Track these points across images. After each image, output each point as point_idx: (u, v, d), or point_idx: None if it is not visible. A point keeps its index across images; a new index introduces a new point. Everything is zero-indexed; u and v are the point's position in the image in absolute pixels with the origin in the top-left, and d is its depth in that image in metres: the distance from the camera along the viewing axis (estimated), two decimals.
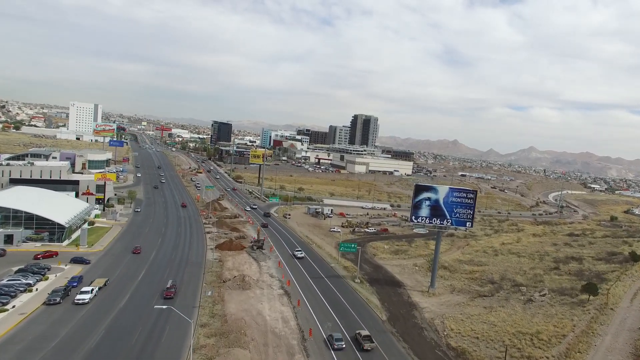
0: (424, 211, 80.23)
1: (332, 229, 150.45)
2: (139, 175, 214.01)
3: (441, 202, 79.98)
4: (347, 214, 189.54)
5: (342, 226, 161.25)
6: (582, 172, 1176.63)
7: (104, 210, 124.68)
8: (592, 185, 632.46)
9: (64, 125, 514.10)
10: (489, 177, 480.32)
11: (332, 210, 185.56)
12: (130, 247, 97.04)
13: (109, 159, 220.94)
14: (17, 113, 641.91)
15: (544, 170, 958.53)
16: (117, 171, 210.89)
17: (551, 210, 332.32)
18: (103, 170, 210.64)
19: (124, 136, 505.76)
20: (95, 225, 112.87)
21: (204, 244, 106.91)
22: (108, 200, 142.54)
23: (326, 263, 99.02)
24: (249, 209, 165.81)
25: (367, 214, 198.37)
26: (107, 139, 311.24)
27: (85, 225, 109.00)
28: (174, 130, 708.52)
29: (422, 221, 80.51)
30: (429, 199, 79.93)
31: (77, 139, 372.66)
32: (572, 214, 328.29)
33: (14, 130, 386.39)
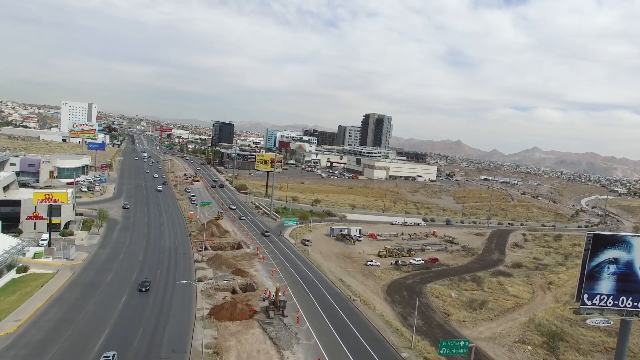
0: (606, 284, 41.75)
1: (368, 262, 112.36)
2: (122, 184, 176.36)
3: (637, 266, 41.61)
4: (378, 235, 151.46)
5: (379, 255, 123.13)
6: (588, 172, 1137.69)
7: (49, 245, 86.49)
8: (616, 189, 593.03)
9: (57, 126, 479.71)
10: (516, 182, 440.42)
11: (360, 230, 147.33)
12: (70, 318, 59.23)
13: (86, 166, 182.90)
14: (10, 113, 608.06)
15: (561, 172, 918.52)
16: (94, 180, 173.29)
17: (593, 220, 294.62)
18: (80, 179, 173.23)
19: (118, 137, 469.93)
20: (30, 272, 74.86)
21: (192, 305, 68.70)
22: (67, 225, 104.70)
23: (391, 346, 60.43)
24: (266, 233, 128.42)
25: (403, 234, 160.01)
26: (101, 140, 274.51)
27: (10, 275, 71.09)
28: (174, 131, 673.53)
29: (603, 303, 41.98)
30: (614, 261, 41.48)
31: (64, 140, 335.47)
32: (617, 224, 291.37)
33: None
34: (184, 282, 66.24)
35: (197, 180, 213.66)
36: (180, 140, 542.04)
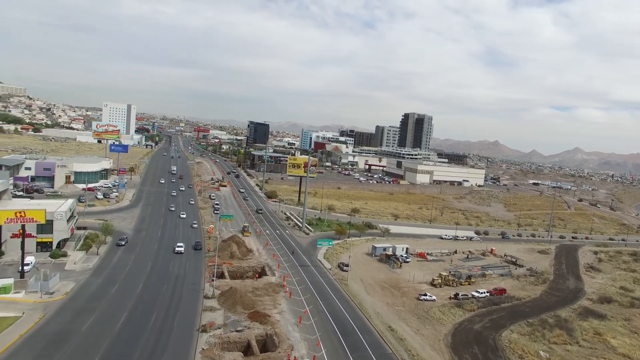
0: None
1: (422, 296, 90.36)
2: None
3: None
4: (428, 254, 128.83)
5: (433, 284, 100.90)
6: (636, 174, 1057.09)
7: (22, 275, 69.83)
8: None
9: None
10: (569, 187, 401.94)
11: (407, 249, 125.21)
12: None
13: (106, 170, 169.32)
14: (60, 115, 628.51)
15: (612, 174, 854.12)
16: (113, 185, 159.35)
17: None
18: (99, 184, 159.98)
19: (154, 137, 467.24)
20: None
21: None
22: (60, 245, 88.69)
23: None
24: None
25: (456, 252, 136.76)
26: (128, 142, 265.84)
27: None
28: (211, 132, 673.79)
29: None
30: None
31: (99, 142, 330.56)
32: None
33: (31, 132, 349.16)
34: None
35: (225, 186, 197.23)
36: (216, 140, 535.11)
